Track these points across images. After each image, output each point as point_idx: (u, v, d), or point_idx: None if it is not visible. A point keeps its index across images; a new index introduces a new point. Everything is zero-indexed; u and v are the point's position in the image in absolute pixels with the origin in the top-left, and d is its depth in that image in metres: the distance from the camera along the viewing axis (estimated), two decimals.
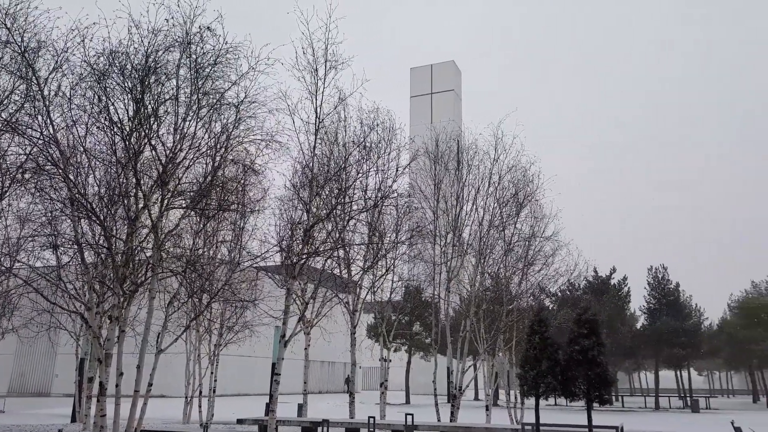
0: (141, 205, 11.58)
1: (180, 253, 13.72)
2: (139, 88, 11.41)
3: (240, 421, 16.03)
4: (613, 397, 46.04)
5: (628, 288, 44.79)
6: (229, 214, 15.82)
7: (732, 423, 11.28)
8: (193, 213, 13.52)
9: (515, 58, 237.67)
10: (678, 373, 47.86)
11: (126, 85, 11.44)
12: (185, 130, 12.15)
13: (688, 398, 42.26)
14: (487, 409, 20.53)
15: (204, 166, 13.08)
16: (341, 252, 18.52)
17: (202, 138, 12.52)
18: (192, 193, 12.68)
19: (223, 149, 12.76)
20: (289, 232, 13.48)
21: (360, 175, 16.45)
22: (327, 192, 14.58)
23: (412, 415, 11.39)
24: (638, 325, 45.58)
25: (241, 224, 17.53)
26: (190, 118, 12.21)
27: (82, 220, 12.50)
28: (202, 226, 14.93)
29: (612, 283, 44.25)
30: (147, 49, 11.43)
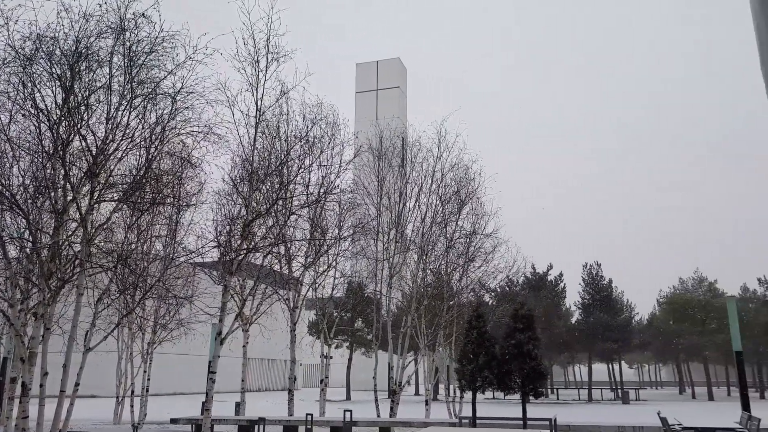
0: (69, 198, 11.07)
1: (111, 248, 13.19)
2: (68, 75, 10.89)
3: (174, 421, 15.59)
4: (549, 390, 47.39)
5: (564, 284, 46.18)
6: (164, 208, 15.34)
7: (658, 414, 11.74)
8: (125, 206, 13.02)
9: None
10: (610, 366, 49.63)
11: (54, 71, 10.90)
12: (118, 120, 11.70)
13: (619, 390, 43.93)
14: (426, 404, 20.72)
15: (138, 157, 12.63)
16: (282, 248, 18.27)
17: (136, 129, 12.08)
18: (125, 186, 12.22)
19: (159, 141, 12.34)
20: (228, 227, 13.16)
21: (302, 170, 16.25)
22: (267, 187, 14.32)
23: (350, 411, 11.34)
24: (573, 320, 46.99)
25: (177, 218, 17.02)
26: (123, 107, 11.76)
27: (5, 212, 11.85)
28: (135, 220, 14.42)
29: (549, 280, 45.49)
30: (78, 35, 10.92)
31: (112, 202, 12.41)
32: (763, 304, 47.72)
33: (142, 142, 12.30)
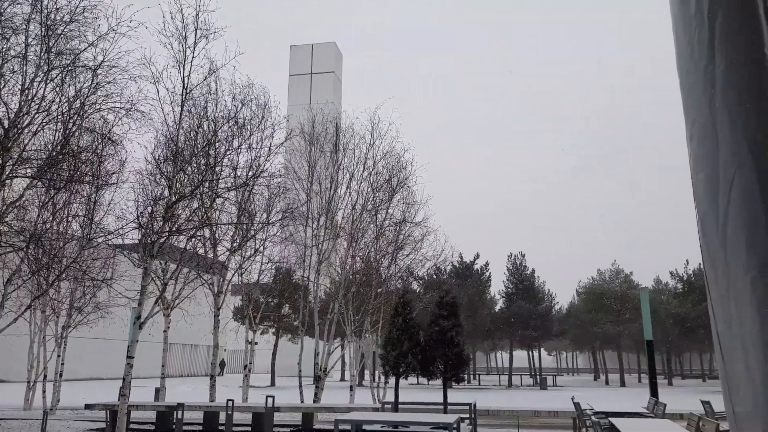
0: None
1: (23, 227, 12.56)
2: None
3: (88, 407, 15.06)
4: (471, 376, 48.74)
5: (490, 273, 47.46)
6: (81, 186, 14.72)
7: (572, 399, 12.30)
8: (39, 183, 12.42)
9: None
10: (530, 353, 51.51)
11: None
12: (34, 92, 11.13)
13: (538, 377, 45.68)
14: (351, 390, 20.90)
15: (54, 132, 12.06)
16: (207, 231, 17.90)
17: (53, 102, 11.53)
18: (39, 162, 11.65)
19: (78, 116, 11.83)
20: (150, 209, 12.77)
21: (230, 151, 15.94)
22: (193, 168, 13.97)
23: (273, 397, 11.31)
24: (497, 308, 48.41)
25: (95, 198, 16.36)
26: (39, 79, 11.21)
27: None
28: (50, 198, 13.77)
29: (475, 269, 46.63)
30: None
31: (26, 179, 11.82)
32: (674, 296, 50.61)
33: (60, 117, 11.76)
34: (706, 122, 1.70)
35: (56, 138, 11.86)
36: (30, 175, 11.72)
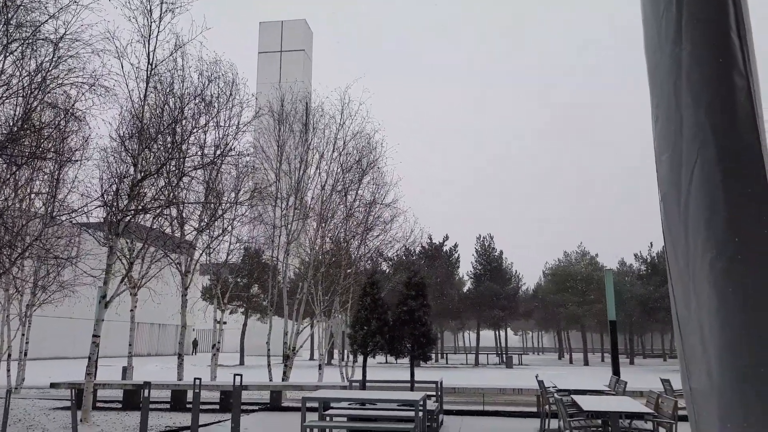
0: None
1: None
2: None
3: (54, 385, 14.84)
4: (439, 355, 49.36)
5: (459, 255, 47.91)
6: (44, 163, 14.33)
7: (536, 377, 12.56)
8: (0, 159, 12.05)
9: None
10: (497, 333, 52.35)
11: None
12: None
13: (504, 356, 46.48)
14: (320, 368, 20.99)
15: (15, 107, 11.69)
16: (173, 210, 17.63)
17: (13, 75, 11.16)
18: (0, 137, 11.29)
19: (39, 90, 11.47)
20: (115, 186, 12.51)
21: (197, 129, 15.66)
22: (159, 145, 13.70)
23: (241, 375, 11.26)
24: (465, 289, 48.96)
25: (58, 175, 15.95)
26: None
27: None
28: (11, 174, 13.39)
29: (444, 250, 47.00)
30: None
31: None
32: (638, 277, 51.80)
33: (21, 91, 11.40)
34: (671, 103, 1.73)
35: (17, 113, 11.50)
36: None
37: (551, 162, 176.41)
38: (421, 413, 8.79)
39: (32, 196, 16.21)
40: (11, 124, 11.50)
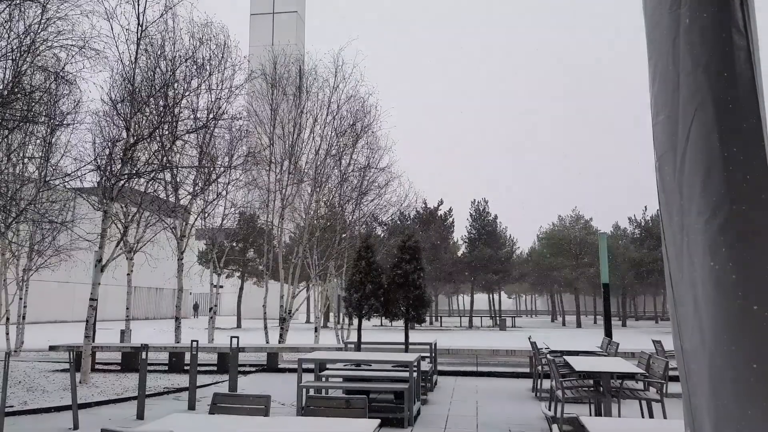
0: None
1: None
2: None
3: (53, 348, 15.00)
4: (433, 318, 49.93)
5: (453, 219, 48.04)
6: (36, 127, 14.18)
7: (529, 338, 12.72)
8: None
9: None
10: (490, 296, 52.87)
11: None
12: None
13: (498, 318, 47.05)
14: (315, 331, 21.22)
15: (5, 70, 11.52)
16: (167, 175, 17.55)
17: (2, 38, 10.96)
18: None
19: (28, 53, 11.28)
20: (108, 150, 12.41)
21: (189, 92, 15.47)
22: (151, 108, 13.54)
23: (237, 338, 11.41)
24: (459, 253, 49.23)
25: (51, 139, 15.81)
26: None
27: None
28: (3, 137, 13.25)
29: (439, 215, 47.10)
30: None
31: None
32: (631, 241, 52.17)
33: (9, 54, 11.20)
34: (668, 63, 1.71)
35: (7, 76, 11.33)
36: None
37: (547, 126, 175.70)
38: (415, 374, 8.93)
39: (25, 160, 16.09)
40: (1, 87, 11.33)
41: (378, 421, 4.49)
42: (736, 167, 1.55)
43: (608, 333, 15.00)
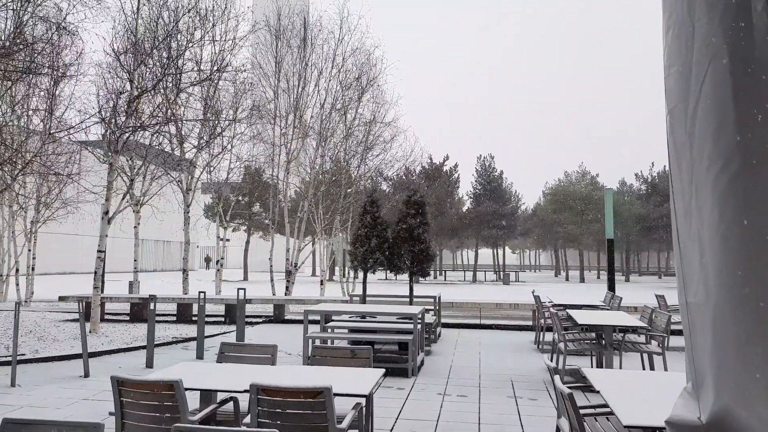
0: None
1: None
2: None
3: (62, 299, 15.26)
4: (437, 272, 50.33)
5: (459, 174, 47.88)
6: (39, 80, 14.06)
7: (533, 292, 12.85)
8: None
9: None
10: (495, 251, 53.13)
11: None
12: None
13: (501, 273, 47.40)
14: (321, 284, 21.46)
15: (6, 21, 11.36)
16: (172, 128, 17.46)
17: None
18: None
19: (29, 3, 11.10)
20: (112, 103, 12.32)
21: (192, 44, 15.25)
22: (154, 60, 13.38)
23: (244, 289, 11.56)
24: (464, 209, 49.26)
25: (54, 91, 15.69)
26: None
27: None
28: (6, 90, 13.17)
29: (444, 170, 46.94)
30: None
31: None
32: (637, 197, 51.97)
33: (10, 4, 11.03)
34: (683, 13, 1.67)
35: (8, 27, 11.18)
36: None
37: (556, 82, 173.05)
38: (419, 325, 9.06)
39: (30, 113, 16.02)
40: (3, 38, 11.20)
41: (383, 370, 4.58)
42: (748, 120, 1.53)
43: (612, 288, 15.11)
